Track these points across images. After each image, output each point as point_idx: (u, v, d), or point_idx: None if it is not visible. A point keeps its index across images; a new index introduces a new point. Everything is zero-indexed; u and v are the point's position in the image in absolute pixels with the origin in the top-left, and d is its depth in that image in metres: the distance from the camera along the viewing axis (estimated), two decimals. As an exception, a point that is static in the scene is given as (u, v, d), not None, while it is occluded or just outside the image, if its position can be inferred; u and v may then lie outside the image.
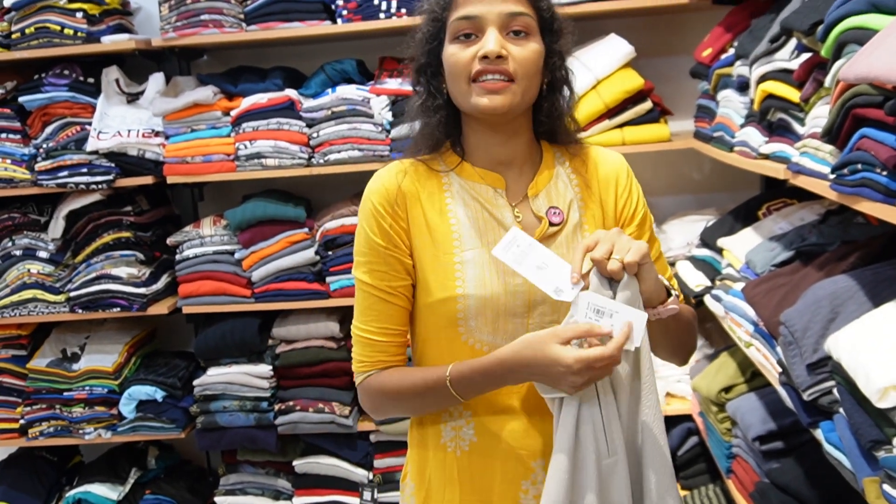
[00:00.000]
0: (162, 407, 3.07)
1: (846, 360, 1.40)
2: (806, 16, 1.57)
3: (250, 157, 2.92)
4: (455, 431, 1.37)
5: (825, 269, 1.84)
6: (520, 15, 1.26)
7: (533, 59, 1.27)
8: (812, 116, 1.67)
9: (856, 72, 1.16)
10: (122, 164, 2.98)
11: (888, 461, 1.26)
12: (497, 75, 1.24)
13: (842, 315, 1.57)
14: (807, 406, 1.62)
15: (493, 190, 1.35)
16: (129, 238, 3.05)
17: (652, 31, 3.06)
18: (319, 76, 2.97)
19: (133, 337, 3.23)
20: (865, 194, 1.36)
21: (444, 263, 1.32)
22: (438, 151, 1.38)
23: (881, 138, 1.29)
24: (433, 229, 1.33)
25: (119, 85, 3.09)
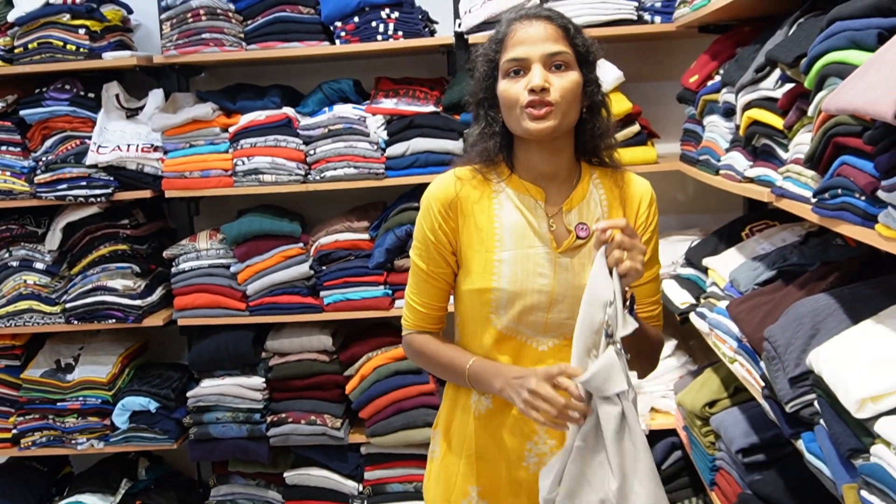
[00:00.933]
0: (155, 418, 3.11)
1: (827, 374, 1.48)
2: (790, 49, 1.66)
3: (248, 173, 2.98)
4: (478, 395, 1.67)
5: (806, 288, 1.92)
6: (559, 53, 1.49)
7: (571, 88, 1.50)
8: (795, 143, 1.75)
9: (837, 104, 1.24)
10: (121, 177, 3.03)
11: (866, 468, 1.34)
12: (542, 105, 1.47)
13: (822, 331, 1.65)
14: (789, 418, 1.69)
15: (535, 201, 1.60)
16: (125, 251, 3.09)
17: (640, 57, 3.16)
18: (317, 95, 3.05)
19: (127, 348, 3.27)
20: (845, 217, 1.45)
21: (486, 259, 1.58)
22: (493, 164, 1.62)
23: (860, 165, 1.38)
24: (480, 229, 1.59)
25: (119, 100, 3.15)
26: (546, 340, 1.63)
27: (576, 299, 1.50)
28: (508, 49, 1.52)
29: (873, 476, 1.31)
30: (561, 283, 1.59)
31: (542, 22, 1.52)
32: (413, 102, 2.97)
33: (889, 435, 1.29)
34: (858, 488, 1.38)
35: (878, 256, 1.97)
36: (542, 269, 1.59)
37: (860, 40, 1.35)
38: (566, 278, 1.59)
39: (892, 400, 1.34)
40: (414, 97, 2.99)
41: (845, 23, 1.41)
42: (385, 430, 3.03)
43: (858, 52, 1.35)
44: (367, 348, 3.08)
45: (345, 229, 3.01)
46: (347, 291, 3.01)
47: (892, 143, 1.25)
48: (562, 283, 1.59)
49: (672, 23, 2.86)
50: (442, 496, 1.74)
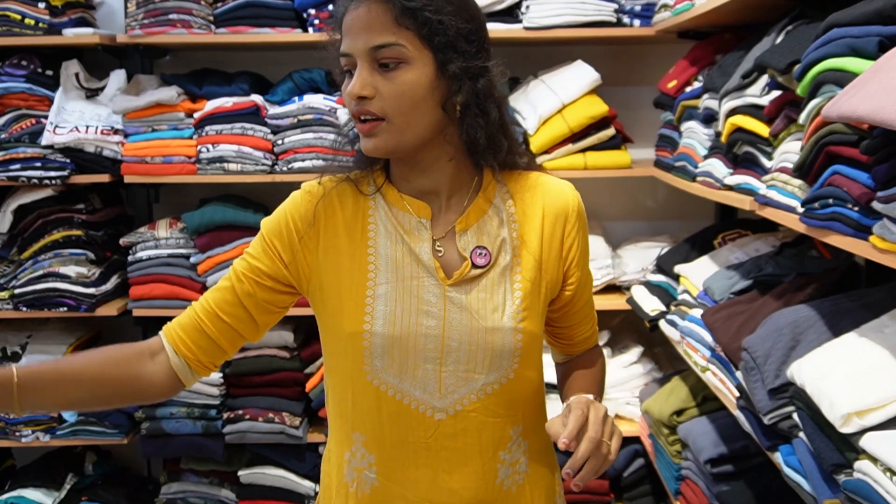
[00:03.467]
0: (105, 411, 2.99)
1: (810, 386, 1.45)
2: (782, 55, 1.64)
3: (212, 161, 2.89)
4: (357, 472, 1.28)
5: (783, 299, 1.91)
6: (385, 46, 1.13)
7: (406, 92, 1.14)
8: (781, 151, 1.73)
9: (840, 111, 1.21)
10: (78, 160, 2.91)
11: (850, 484, 1.32)
12: (367, 116, 1.16)
13: (802, 343, 1.63)
14: (766, 430, 1.67)
15: (418, 219, 1.25)
16: (79, 236, 2.97)
17: (617, 60, 3.14)
18: (287, 83, 2.96)
19: (77, 338, 3.15)
20: (836, 228, 1.42)
21: (355, 296, 1.23)
22: (371, 169, 1.29)
23: (854, 175, 1.36)
24: (349, 259, 1.25)
25: (78, 79, 3.03)
26: (442, 406, 1.23)
27: (474, 347, 1.22)
28: (342, 38, 1.18)
29: (858, 493, 1.29)
30: (454, 325, 1.22)
31: (367, 2, 1.14)
32: (386, 96, 2.90)
33: (875, 450, 1.27)
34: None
35: (855, 269, 1.97)
36: (429, 306, 1.22)
37: (860, 48, 1.32)
38: (460, 319, 1.22)
39: (878, 415, 1.32)
40: (387, 90, 2.92)
41: (844, 29, 1.39)
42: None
43: (858, 59, 1.33)
44: (329, 345, 3.00)
45: (311, 223, 2.93)
46: (311, 286, 2.93)
47: (891, 153, 1.22)
48: (455, 326, 1.22)
49: (651, 27, 2.83)
50: None
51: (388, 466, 1.26)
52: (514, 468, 1.30)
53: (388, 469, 1.26)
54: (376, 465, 1.26)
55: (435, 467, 1.25)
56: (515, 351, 1.25)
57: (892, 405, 1.32)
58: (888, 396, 1.32)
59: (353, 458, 1.28)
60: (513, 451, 1.29)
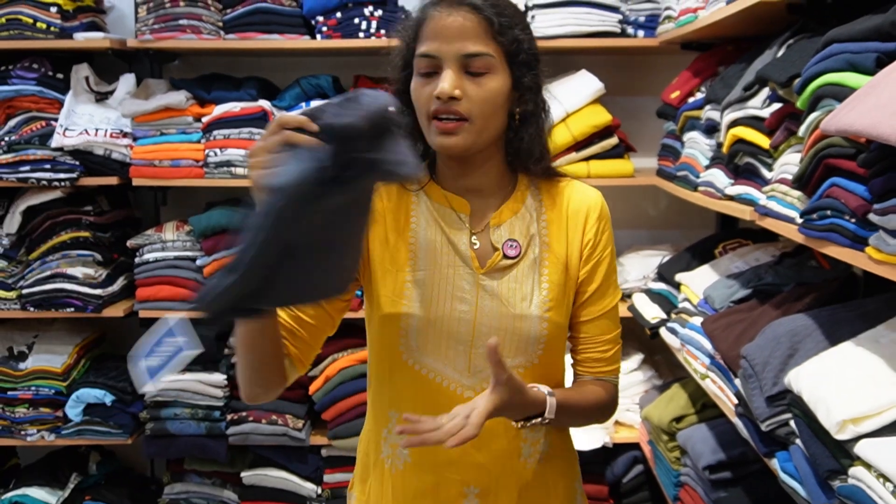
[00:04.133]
0: (110, 411, 3.02)
1: (807, 394, 1.48)
2: (783, 68, 1.67)
3: (220, 165, 2.92)
4: (392, 449, 1.39)
5: (782, 308, 1.94)
6: (478, 55, 1.24)
7: (490, 98, 1.25)
8: (781, 163, 1.76)
9: (838, 125, 1.24)
10: (87, 162, 2.94)
11: (844, 490, 1.34)
12: (451, 115, 1.24)
13: (800, 352, 1.66)
14: (763, 436, 1.69)
15: (458, 214, 1.36)
16: (87, 238, 3.00)
17: (621, 70, 3.17)
18: (294, 89, 3.00)
19: (84, 338, 3.18)
20: (833, 239, 1.45)
21: (396, 280, 1.34)
22: None
23: (851, 188, 1.39)
24: (392, 247, 1.35)
25: (88, 83, 3.06)
26: (471, 384, 1.34)
27: (503, 332, 1.32)
28: (422, 41, 1.26)
29: (852, 498, 1.32)
30: (485, 311, 1.33)
31: (463, 12, 1.24)
32: (392, 102, 2.93)
33: (869, 457, 1.30)
34: (835, 510, 1.38)
35: (854, 280, 2.00)
36: (462, 293, 1.33)
37: (858, 63, 1.35)
38: (491, 306, 1.33)
39: (872, 422, 1.35)
40: (393, 97, 2.95)
41: (843, 45, 1.42)
42: (347, 432, 2.99)
43: (856, 74, 1.36)
44: (332, 349, 3.03)
45: (316, 227, 2.96)
46: (315, 290, 2.96)
47: (887, 167, 1.25)
48: (486, 312, 1.33)
49: (655, 38, 2.87)
50: None
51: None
52: (534, 447, 1.40)
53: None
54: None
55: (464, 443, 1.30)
56: (541, 338, 1.35)
57: (887, 413, 1.34)
58: (883, 404, 1.35)
59: (389, 436, 1.39)
60: (534, 430, 1.37)
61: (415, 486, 1.38)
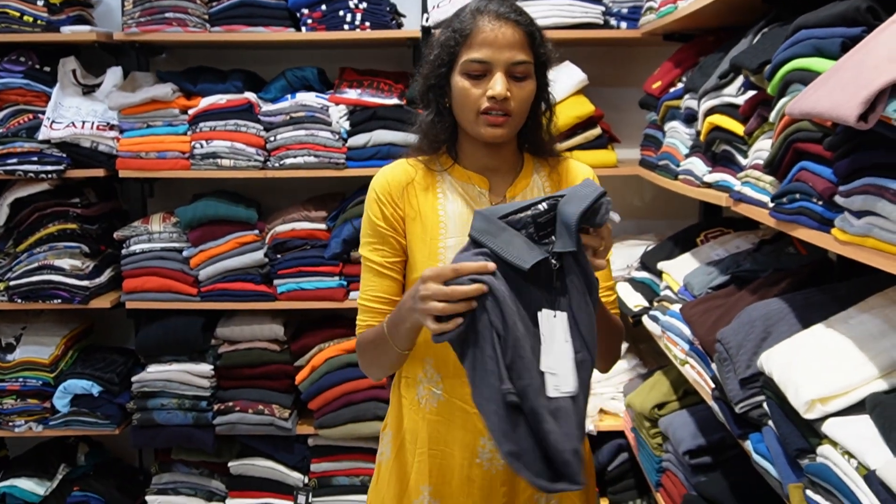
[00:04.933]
0: (97, 402, 3.04)
1: (777, 375, 1.50)
2: (755, 56, 1.69)
3: (206, 157, 2.93)
4: (427, 390, 1.60)
5: (758, 293, 1.96)
6: (523, 63, 1.47)
7: (528, 98, 1.50)
8: (755, 149, 1.79)
9: (801, 108, 1.27)
10: (74, 155, 2.96)
11: (812, 468, 1.37)
12: (500, 112, 1.47)
13: (773, 335, 1.68)
14: (738, 419, 1.72)
15: (479, 189, 1.58)
16: (74, 230, 3.02)
17: (604, 62, 3.19)
18: (280, 81, 3.01)
19: (71, 330, 3.19)
20: (802, 222, 1.48)
21: (431, 247, 1.55)
22: (437, 154, 1.60)
23: (818, 171, 1.41)
24: (424, 218, 1.56)
25: (75, 76, 3.08)
26: None
27: None
28: (473, 47, 1.47)
29: (819, 476, 1.34)
30: None
31: (512, 26, 1.48)
32: (377, 94, 2.95)
33: (836, 435, 1.33)
34: (804, 487, 1.41)
35: (828, 264, 2.02)
36: None
37: (824, 48, 1.37)
38: None
39: (839, 402, 1.37)
40: (378, 89, 2.98)
41: (810, 31, 1.44)
42: (333, 422, 3.01)
43: (822, 59, 1.38)
44: (318, 339, 3.05)
45: (302, 218, 2.98)
46: (301, 281, 2.98)
47: (850, 149, 1.28)
48: None
49: (638, 29, 2.89)
50: (394, 498, 1.66)
51: (452, 383, 1.56)
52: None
53: (451, 385, 1.57)
54: (442, 383, 1.58)
55: None
56: None
57: (854, 392, 1.37)
58: (850, 384, 1.37)
59: (423, 378, 1.60)
60: None
61: (447, 420, 1.59)
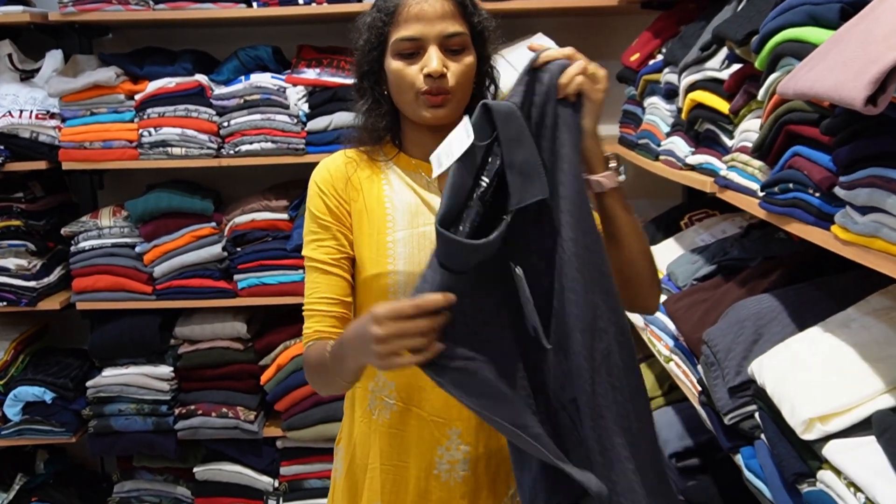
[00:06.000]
0: (51, 409, 2.86)
1: (771, 387, 1.34)
2: (740, 25, 1.51)
3: (155, 145, 2.74)
4: (380, 401, 1.49)
5: (747, 286, 1.80)
6: (457, 35, 1.36)
7: (468, 72, 1.38)
8: (741, 129, 1.61)
9: (796, 87, 1.09)
10: (13, 146, 2.75)
11: (812, 496, 1.21)
12: (439, 90, 1.35)
13: (765, 336, 1.52)
14: (727, 429, 1.56)
15: (427, 178, 1.46)
16: (19, 227, 2.83)
17: (579, 32, 2.99)
18: (232, 62, 2.81)
19: (21, 333, 3.01)
20: (796, 215, 1.30)
21: (378, 242, 1.42)
22: (380, 144, 1.48)
23: (815, 158, 1.24)
24: (370, 212, 1.44)
25: (12, 61, 2.87)
26: None
27: None
28: (401, 25, 1.36)
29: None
30: None
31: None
32: (337, 73, 2.76)
33: (839, 462, 1.17)
34: (802, 516, 1.25)
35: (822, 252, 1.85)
36: None
37: (820, 15, 1.19)
38: None
39: (841, 420, 1.21)
40: (339, 68, 2.78)
41: (804, -4, 1.26)
42: (302, 423, 2.85)
43: (818, 29, 1.20)
44: (284, 336, 2.88)
45: (262, 208, 2.80)
46: (263, 275, 2.80)
47: (853, 134, 1.10)
48: None
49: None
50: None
51: (406, 391, 1.46)
52: None
53: (405, 393, 1.46)
54: (395, 391, 1.47)
55: None
56: None
57: (857, 409, 1.21)
58: (852, 400, 1.21)
59: (375, 388, 1.49)
60: None
61: (401, 431, 1.48)
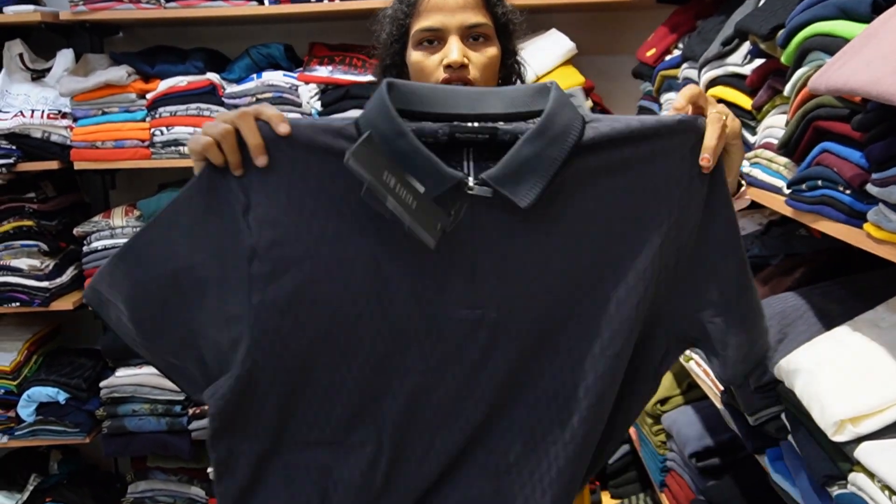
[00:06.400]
0: (65, 410, 2.85)
1: (799, 388, 1.32)
2: (765, 19, 1.48)
3: (167, 144, 2.72)
4: None
5: (770, 284, 1.77)
6: (478, 25, 1.34)
7: (490, 63, 1.36)
8: (764, 126, 1.58)
9: (828, 82, 1.06)
10: (24, 146, 2.74)
11: (843, 499, 1.19)
12: (459, 81, 1.33)
13: (791, 336, 1.50)
14: (752, 431, 1.54)
15: None
16: (31, 227, 2.81)
17: (594, 28, 2.97)
18: (244, 60, 2.79)
19: (34, 334, 3.00)
20: (826, 213, 1.28)
21: None
22: None
23: (845, 154, 1.21)
24: None
25: (23, 60, 2.85)
26: None
27: None
28: (422, 15, 1.35)
29: (852, 509, 1.16)
30: None
31: None
32: (350, 71, 2.74)
33: (871, 464, 1.14)
34: (833, 520, 1.23)
35: (847, 249, 1.83)
36: None
37: (851, 9, 1.16)
38: None
39: (873, 422, 1.19)
40: (351, 65, 2.76)
41: (832, -12, 1.23)
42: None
43: (849, 22, 1.17)
44: (297, 336, 2.86)
45: (274, 207, 2.78)
46: (276, 275, 2.78)
47: (887, 130, 1.08)
48: None
49: (629, -9, 2.67)
50: None
51: None
52: None
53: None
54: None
55: None
56: None
57: (890, 410, 1.19)
58: (885, 401, 1.19)
59: None
60: None
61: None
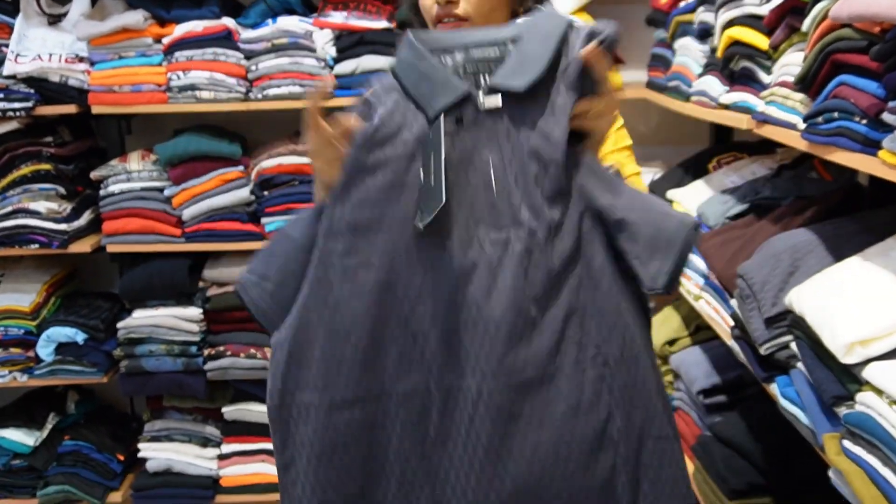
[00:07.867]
0: (83, 350, 2.91)
1: (810, 315, 1.37)
2: (785, -45, 1.51)
3: (183, 89, 2.75)
4: None
5: (781, 223, 1.82)
6: None
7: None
8: (781, 64, 1.62)
9: (850, 9, 1.10)
10: (43, 90, 2.76)
11: (851, 417, 1.24)
12: (450, 18, 1.31)
13: (802, 269, 1.55)
14: (762, 360, 1.59)
15: None
16: (49, 171, 2.84)
17: (607, -25, 2.97)
18: (259, 5, 2.80)
19: (52, 276, 3.05)
20: (841, 144, 1.32)
21: None
22: None
23: (862, 86, 1.25)
24: None
25: (40, 4, 2.86)
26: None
27: None
28: None
29: (860, 426, 1.22)
30: None
31: None
32: (364, 17, 2.75)
33: (879, 382, 1.20)
34: (841, 438, 1.28)
35: (858, 190, 1.87)
36: None
37: (873, -60, 1.19)
38: None
39: (882, 344, 1.24)
40: (365, 11, 2.77)
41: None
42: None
43: (870, -46, 1.20)
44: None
45: (289, 152, 2.81)
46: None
47: (904, 59, 1.11)
48: None
49: (643, -63, 2.67)
50: None
51: None
52: None
53: None
54: None
55: None
56: None
57: (898, 333, 1.23)
58: (894, 324, 1.24)
59: None
60: None
61: None
